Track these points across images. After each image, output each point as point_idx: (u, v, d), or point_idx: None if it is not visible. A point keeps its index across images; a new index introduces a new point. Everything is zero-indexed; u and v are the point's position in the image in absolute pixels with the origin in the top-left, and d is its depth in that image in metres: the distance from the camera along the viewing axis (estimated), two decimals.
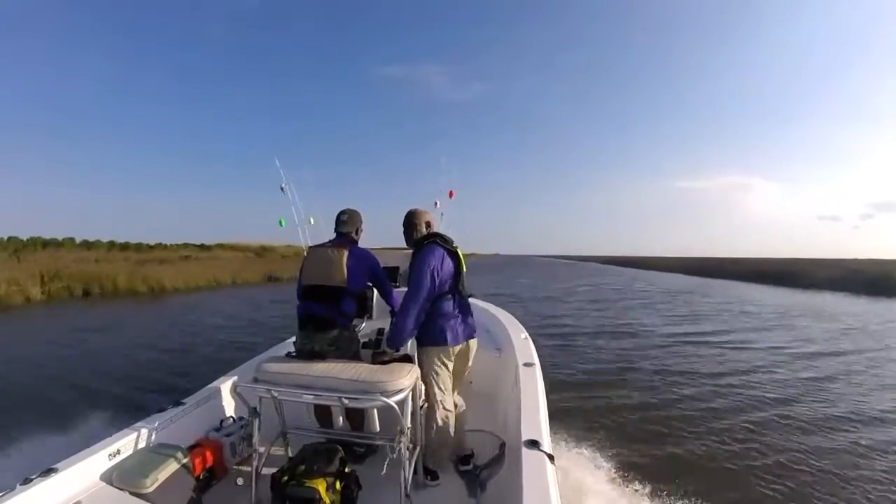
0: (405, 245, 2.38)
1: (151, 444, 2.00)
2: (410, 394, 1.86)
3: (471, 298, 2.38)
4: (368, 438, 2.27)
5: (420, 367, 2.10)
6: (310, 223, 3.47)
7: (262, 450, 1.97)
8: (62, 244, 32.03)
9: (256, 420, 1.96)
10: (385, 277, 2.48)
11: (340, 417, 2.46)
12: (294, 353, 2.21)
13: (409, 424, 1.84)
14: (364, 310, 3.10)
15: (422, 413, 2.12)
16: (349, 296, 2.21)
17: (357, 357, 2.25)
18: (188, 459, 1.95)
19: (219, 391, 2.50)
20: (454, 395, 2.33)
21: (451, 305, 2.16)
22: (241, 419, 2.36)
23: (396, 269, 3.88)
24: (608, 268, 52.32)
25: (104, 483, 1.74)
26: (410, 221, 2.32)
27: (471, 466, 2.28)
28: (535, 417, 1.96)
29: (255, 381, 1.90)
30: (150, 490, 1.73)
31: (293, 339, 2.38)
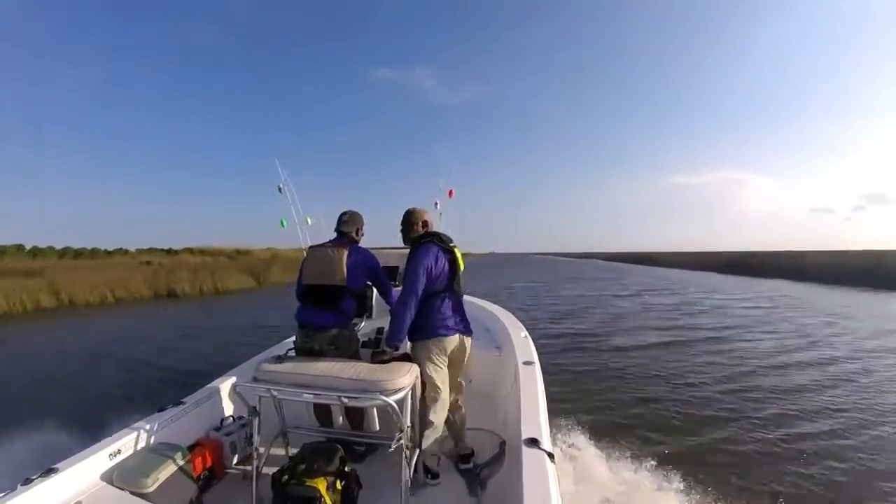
0: (403, 244, 2.38)
1: (152, 444, 2.00)
2: (410, 393, 1.86)
3: (468, 297, 2.38)
4: (368, 437, 2.28)
5: (414, 362, 2.10)
6: (308, 223, 3.48)
7: (262, 449, 1.97)
8: (5, 251, 30.40)
9: (256, 419, 1.96)
10: (385, 277, 2.48)
11: (340, 416, 2.46)
12: (294, 352, 2.21)
13: (409, 423, 1.84)
14: (364, 309, 3.10)
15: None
16: (349, 295, 2.21)
17: (356, 356, 2.26)
18: (188, 459, 1.96)
19: (218, 391, 2.50)
20: (454, 396, 2.33)
21: (446, 304, 2.16)
22: (241, 418, 2.36)
23: (396, 269, 3.88)
24: (618, 266, 46.70)
25: (105, 483, 1.75)
26: (408, 221, 2.32)
27: (471, 465, 2.28)
28: (535, 416, 1.97)
29: (255, 381, 1.90)
30: (151, 490, 1.73)
31: (293, 339, 2.39)
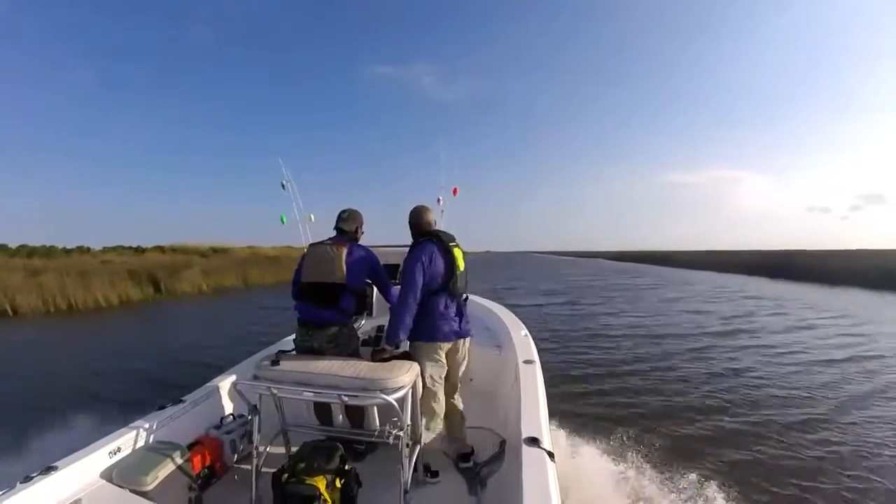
0: (410, 242, 2.37)
1: (151, 442, 2.00)
2: (410, 391, 1.86)
3: (470, 295, 2.37)
4: (368, 436, 2.27)
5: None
6: (310, 221, 3.47)
7: (262, 448, 1.97)
8: None
9: (256, 418, 1.96)
10: (385, 275, 2.48)
11: (340, 415, 2.46)
12: (294, 350, 2.20)
13: (409, 422, 1.84)
14: (364, 307, 3.09)
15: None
16: (348, 293, 2.20)
17: (356, 354, 2.25)
18: (188, 457, 1.95)
19: (218, 389, 2.50)
20: (454, 395, 2.33)
21: (443, 304, 2.16)
22: (241, 417, 2.35)
23: (396, 267, 3.86)
24: (631, 267, 41.01)
25: (104, 481, 1.74)
26: (417, 218, 2.32)
27: (471, 464, 2.28)
28: (536, 415, 1.96)
29: (255, 379, 1.90)
30: (151, 488, 1.73)
31: (293, 337, 2.38)
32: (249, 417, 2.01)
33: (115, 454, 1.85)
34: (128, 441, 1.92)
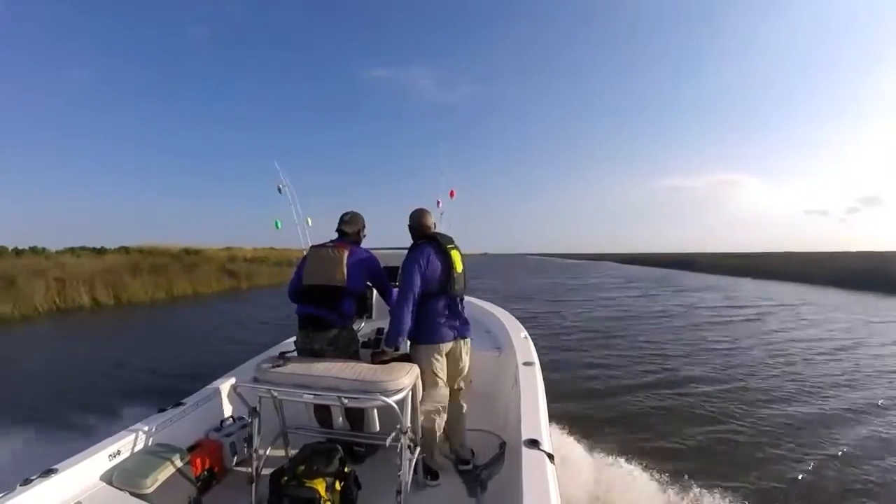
0: (410, 244, 2.38)
1: (151, 445, 2.00)
2: (410, 393, 1.86)
3: (467, 297, 2.37)
4: (368, 438, 2.27)
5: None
6: (308, 224, 3.47)
7: (262, 450, 1.97)
8: None
9: (256, 420, 1.96)
10: (385, 277, 2.48)
11: (340, 417, 2.46)
12: (294, 353, 2.21)
13: (409, 424, 1.84)
14: (364, 310, 3.10)
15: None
16: (349, 296, 2.21)
17: (356, 356, 2.25)
18: (188, 460, 1.96)
19: (218, 391, 2.50)
20: (453, 397, 2.33)
21: (440, 305, 2.17)
22: (241, 419, 2.35)
23: (397, 270, 3.87)
24: (652, 273, 32.83)
25: (104, 483, 1.75)
26: (418, 221, 2.33)
27: (471, 466, 2.27)
28: (535, 417, 1.96)
29: (255, 381, 1.90)
30: (150, 490, 1.73)
31: (293, 339, 2.39)
32: (249, 420, 2.01)
33: (115, 457, 1.85)
34: (128, 444, 1.92)
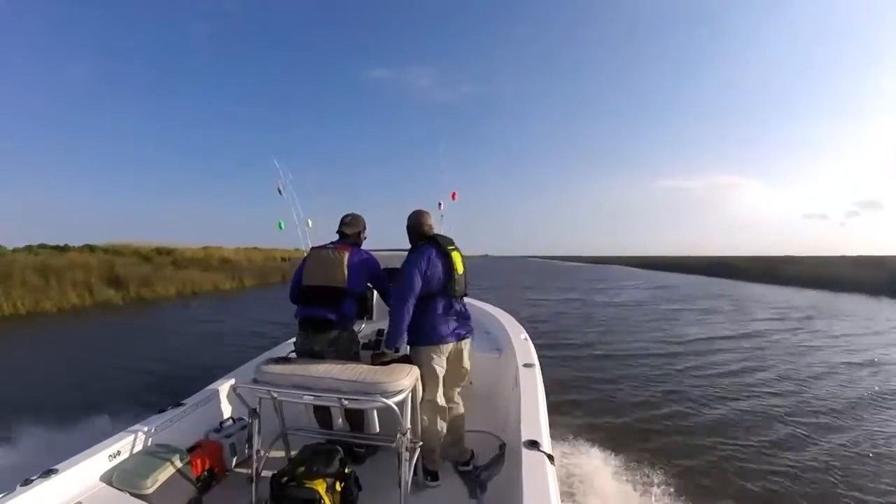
0: (409, 247, 2.38)
1: (151, 446, 2.00)
2: (410, 394, 1.86)
3: (468, 299, 2.38)
4: (368, 439, 2.27)
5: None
6: (308, 226, 3.47)
7: (262, 451, 1.97)
8: None
9: (256, 421, 1.96)
10: (385, 279, 2.49)
11: (340, 418, 2.46)
12: (294, 354, 2.21)
13: (409, 425, 1.84)
14: (364, 311, 3.10)
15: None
16: (349, 297, 2.21)
17: (357, 358, 2.26)
18: (188, 461, 1.96)
19: (218, 392, 2.50)
20: (455, 396, 2.33)
21: (442, 306, 2.17)
22: (241, 420, 2.35)
23: (396, 271, 3.88)
24: (686, 280, 26.04)
25: (104, 484, 1.75)
26: (416, 223, 2.33)
27: (471, 467, 2.28)
28: (535, 418, 1.96)
29: (255, 382, 1.90)
30: (150, 491, 1.73)
31: (293, 340, 2.39)
32: (249, 421, 2.01)
33: (115, 457, 1.85)
34: (128, 444, 1.92)
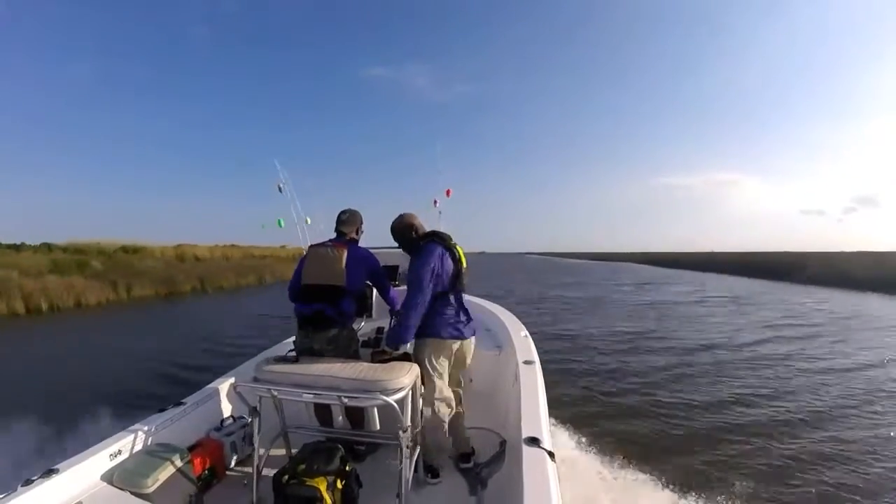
0: (422, 245, 2.36)
1: (152, 445, 2.00)
2: (410, 392, 1.86)
3: (466, 296, 2.37)
4: (369, 437, 2.28)
5: (416, 360, 2.10)
6: (307, 223, 3.48)
7: (263, 450, 1.97)
8: None
9: (257, 420, 1.96)
10: (384, 277, 2.48)
11: (340, 416, 2.46)
12: (293, 352, 2.21)
13: (410, 423, 1.84)
14: (364, 309, 3.10)
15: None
16: (348, 295, 2.21)
17: (356, 356, 2.25)
18: (189, 459, 1.96)
19: (219, 391, 2.50)
20: (455, 395, 2.33)
21: (449, 304, 2.16)
22: (242, 419, 2.36)
23: (396, 269, 3.89)
24: (738, 283, 22.68)
25: (105, 483, 1.75)
26: (403, 227, 2.29)
27: (471, 464, 2.28)
28: (536, 415, 1.96)
29: (255, 381, 1.90)
30: (151, 490, 1.73)
31: (293, 339, 2.39)
32: (249, 419, 2.02)
33: (116, 456, 1.85)
34: (128, 443, 1.92)
